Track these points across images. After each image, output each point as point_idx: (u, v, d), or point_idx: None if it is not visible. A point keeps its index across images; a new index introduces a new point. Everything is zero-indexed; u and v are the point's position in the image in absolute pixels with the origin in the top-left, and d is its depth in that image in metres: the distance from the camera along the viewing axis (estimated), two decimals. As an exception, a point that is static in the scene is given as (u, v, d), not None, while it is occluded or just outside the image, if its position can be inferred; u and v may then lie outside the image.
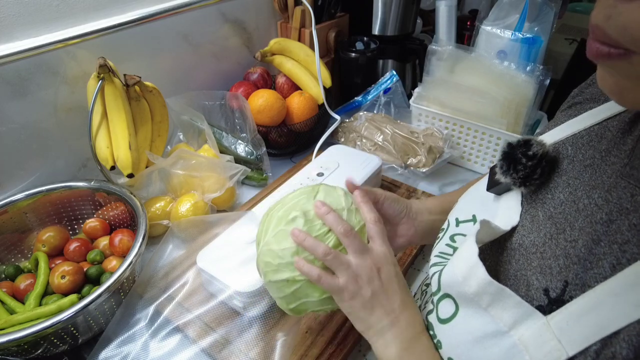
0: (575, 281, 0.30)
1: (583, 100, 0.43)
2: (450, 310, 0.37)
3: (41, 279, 0.66)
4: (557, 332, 0.29)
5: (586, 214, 0.33)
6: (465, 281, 0.35)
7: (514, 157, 0.38)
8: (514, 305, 0.32)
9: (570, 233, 0.33)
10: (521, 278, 0.34)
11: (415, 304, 0.44)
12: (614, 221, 0.31)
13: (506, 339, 0.32)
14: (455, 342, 0.36)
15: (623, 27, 0.25)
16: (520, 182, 0.38)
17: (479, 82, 0.94)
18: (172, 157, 0.80)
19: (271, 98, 0.95)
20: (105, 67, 0.72)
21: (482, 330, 0.33)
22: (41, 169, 0.80)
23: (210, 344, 0.60)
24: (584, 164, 0.36)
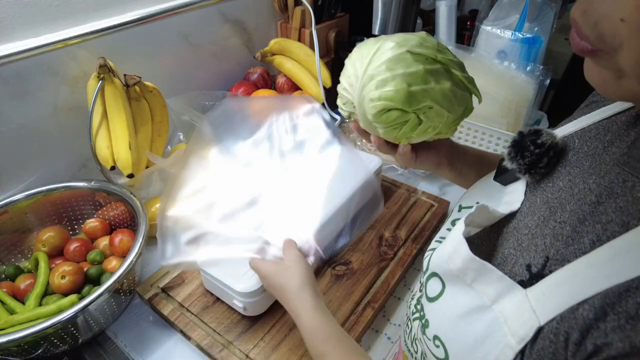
0: (556, 256, 0.31)
1: (601, 100, 0.44)
2: (437, 288, 0.39)
3: (41, 279, 0.66)
4: (533, 303, 0.30)
5: (579, 198, 0.34)
6: (450, 259, 0.36)
7: (523, 145, 0.39)
8: (496, 279, 0.33)
9: (561, 214, 0.34)
10: (510, 258, 0.36)
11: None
12: (602, 203, 0.31)
13: (488, 313, 0.33)
14: (442, 319, 0.37)
15: (595, 23, 0.26)
16: (525, 169, 0.39)
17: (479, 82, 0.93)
18: (172, 157, 0.80)
19: (271, 98, 0.95)
20: (106, 67, 0.72)
21: (468, 305, 0.34)
22: (41, 169, 0.80)
23: (210, 344, 0.60)
24: (586, 154, 0.37)
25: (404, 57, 0.42)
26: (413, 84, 0.42)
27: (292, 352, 0.58)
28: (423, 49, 0.43)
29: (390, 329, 0.66)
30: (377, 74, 0.44)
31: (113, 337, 0.65)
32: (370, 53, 0.45)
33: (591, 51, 0.27)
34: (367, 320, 0.63)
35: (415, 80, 0.42)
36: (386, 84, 0.43)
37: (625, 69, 0.25)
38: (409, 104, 0.43)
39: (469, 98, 0.47)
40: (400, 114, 0.44)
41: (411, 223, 0.80)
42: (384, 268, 0.71)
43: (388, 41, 0.45)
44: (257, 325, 0.62)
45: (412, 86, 0.42)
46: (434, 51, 0.43)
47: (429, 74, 0.42)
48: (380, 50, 0.44)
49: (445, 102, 0.44)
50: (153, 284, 0.68)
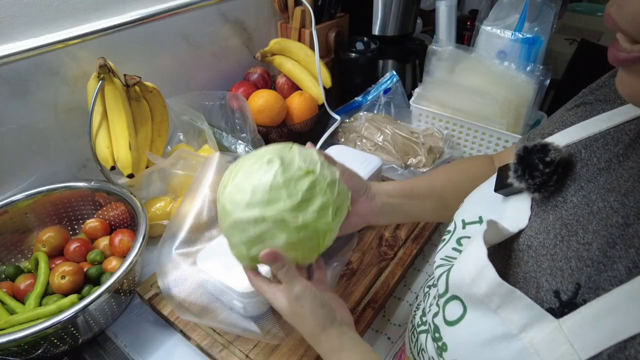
0: (589, 284, 0.30)
1: (594, 101, 0.42)
2: (458, 312, 0.37)
3: (41, 279, 0.66)
4: (570, 336, 0.28)
5: (601, 217, 0.32)
6: (474, 282, 0.34)
7: (530, 163, 0.37)
8: (524, 307, 0.31)
9: (583, 235, 0.32)
10: (530, 280, 0.34)
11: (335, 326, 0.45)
12: (631, 225, 0.30)
13: (516, 342, 0.31)
14: (463, 344, 0.36)
15: (632, 17, 0.25)
16: (535, 189, 0.37)
17: (479, 83, 0.94)
18: (172, 157, 0.80)
19: (271, 98, 0.95)
20: (106, 67, 0.72)
21: (491, 332, 0.33)
22: (41, 169, 0.80)
23: (210, 344, 0.60)
24: (598, 167, 0.36)
25: (235, 226, 0.45)
26: (251, 247, 0.45)
27: (292, 352, 0.58)
28: (250, 211, 0.44)
29: (390, 329, 0.66)
30: (226, 235, 0.48)
31: (113, 337, 0.65)
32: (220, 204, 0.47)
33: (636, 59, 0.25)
34: (367, 320, 0.63)
35: (251, 244, 0.45)
36: (234, 247, 0.47)
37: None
38: (257, 261, 0.46)
39: (317, 232, 0.46)
40: (256, 266, 0.49)
41: (411, 223, 0.80)
42: (384, 268, 0.71)
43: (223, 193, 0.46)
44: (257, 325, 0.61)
45: (250, 249, 0.45)
46: (263, 207, 0.43)
47: (262, 234, 0.44)
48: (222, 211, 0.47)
49: (290, 250, 0.45)
50: (153, 284, 0.68)
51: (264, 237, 0.44)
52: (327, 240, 0.47)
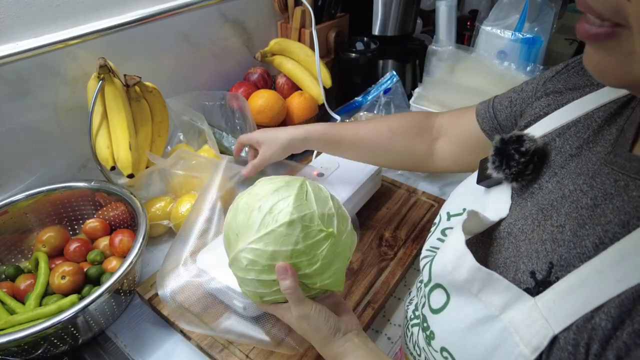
0: (560, 262, 0.31)
1: (564, 90, 0.43)
2: (441, 299, 0.38)
3: (41, 279, 0.66)
4: (544, 311, 0.30)
5: (572, 200, 0.34)
6: (454, 270, 0.36)
7: (507, 153, 0.38)
8: (503, 289, 0.32)
9: (557, 218, 0.34)
10: (510, 265, 0.35)
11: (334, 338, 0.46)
12: (599, 205, 0.31)
13: (497, 323, 0.32)
14: (448, 331, 0.37)
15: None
16: (512, 178, 0.39)
17: (479, 83, 0.94)
18: (172, 157, 0.80)
19: (271, 98, 0.95)
20: (106, 67, 0.72)
21: (474, 316, 0.34)
22: (41, 170, 0.80)
23: (210, 344, 0.60)
24: (570, 154, 0.37)
25: (253, 282, 0.46)
26: (265, 296, 0.47)
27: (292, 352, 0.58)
28: (270, 274, 0.44)
29: (390, 329, 0.66)
30: (239, 278, 0.48)
31: (113, 337, 0.65)
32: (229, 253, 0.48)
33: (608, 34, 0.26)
34: (367, 320, 0.63)
35: (266, 294, 0.46)
36: (246, 290, 0.48)
37: (638, 50, 0.25)
38: (264, 303, 0.49)
39: (327, 290, 0.49)
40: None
41: (411, 223, 0.80)
42: (384, 268, 0.71)
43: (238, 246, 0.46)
44: (257, 325, 0.61)
45: (264, 297, 0.47)
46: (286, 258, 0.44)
47: (278, 292, 0.45)
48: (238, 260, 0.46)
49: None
50: (153, 284, 0.68)
51: (279, 292, 0.45)
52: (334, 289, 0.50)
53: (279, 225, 0.43)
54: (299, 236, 0.44)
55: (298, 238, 0.44)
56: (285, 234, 0.43)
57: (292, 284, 0.43)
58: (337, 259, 0.46)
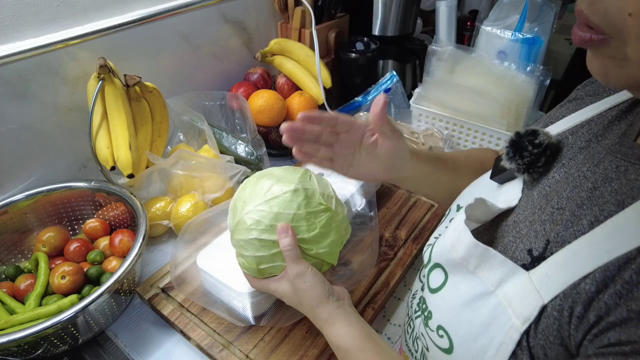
0: (557, 239, 0.32)
1: (584, 96, 0.45)
2: (440, 279, 0.39)
3: (41, 279, 0.66)
4: (537, 284, 0.31)
5: (574, 185, 0.35)
6: (453, 248, 0.37)
7: (521, 145, 0.40)
8: (499, 264, 0.34)
9: (557, 201, 0.35)
10: (510, 245, 0.36)
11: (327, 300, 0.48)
12: (598, 188, 0.32)
13: (492, 298, 0.33)
14: (445, 309, 0.38)
15: (604, 13, 0.27)
16: (524, 169, 0.40)
17: (479, 83, 0.94)
18: (172, 157, 0.80)
19: (271, 98, 0.95)
20: (106, 67, 0.72)
21: (471, 292, 0.35)
22: (41, 170, 0.80)
23: (210, 344, 0.60)
24: (579, 147, 0.39)
25: (253, 242, 0.49)
26: (262, 263, 0.50)
27: (292, 352, 0.58)
28: (271, 234, 0.48)
29: (390, 329, 0.66)
30: (238, 245, 0.51)
31: (113, 337, 0.65)
32: (236, 213, 0.51)
33: (602, 40, 0.28)
34: (367, 320, 0.63)
35: (263, 260, 0.49)
36: (244, 257, 0.51)
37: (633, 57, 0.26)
38: (261, 274, 0.51)
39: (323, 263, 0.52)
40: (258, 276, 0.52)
41: (411, 223, 0.80)
42: (384, 268, 0.71)
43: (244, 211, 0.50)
44: (257, 325, 0.61)
45: (261, 265, 0.50)
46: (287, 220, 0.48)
47: (275, 256, 0.49)
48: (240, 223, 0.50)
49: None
50: (153, 284, 0.68)
51: (276, 258, 0.49)
52: (327, 268, 0.54)
53: (284, 192, 0.49)
54: (302, 203, 0.49)
55: (300, 204, 0.49)
56: (290, 199, 0.48)
57: (292, 241, 0.47)
58: (333, 233, 0.51)
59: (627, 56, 0.27)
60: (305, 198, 0.49)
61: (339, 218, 0.52)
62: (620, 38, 0.27)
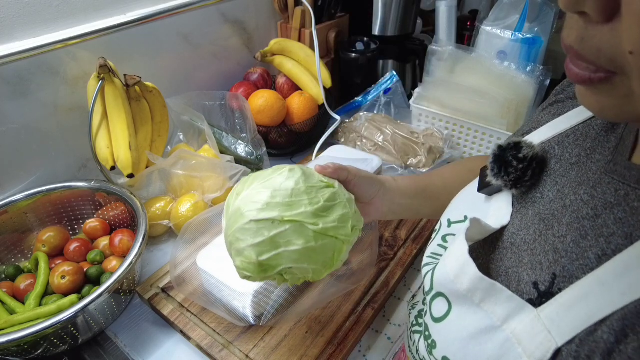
0: (563, 273, 0.31)
1: (565, 99, 0.43)
2: (443, 308, 0.38)
3: (41, 279, 0.66)
4: (547, 323, 0.29)
5: (573, 210, 0.33)
6: (457, 279, 0.35)
7: (505, 160, 0.38)
8: (505, 299, 0.32)
9: (558, 229, 0.34)
10: (513, 275, 0.35)
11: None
12: (600, 215, 0.31)
13: (499, 334, 0.32)
14: (450, 340, 0.36)
15: (597, 49, 0.24)
16: (511, 185, 0.39)
17: (479, 83, 0.94)
18: (172, 157, 0.80)
19: (271, 98, 0.95)
20: (106, 67, 0.72)
21: (476, 326, 0.34)
22: (41, 169, 0.80)
23: (210, 344, 0.60)
24: (570, 162, 0.37)
25: (249, 227, 0.42)
26: (262, 253, 0.42)
27: (292, 352, 0.58)
28: (268, 212, 0.42)
29: (390, 329, 0.66)
30: (233, 241, 0.44)
31: (113, 337, 0.65)
32: (230, 210, 0.45)
33: (602, 79, 0.25)
34: (367, 320, 0.63)
35: (263, 248, 0.42)
36: (240, 254, 0.43)
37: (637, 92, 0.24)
38: (265, 272, 0.43)
39: (334, 243, 0.44)
40: (262, 277, 0.44)
41: (411, 223, 0.80)
42: (384, 268, 0.71)
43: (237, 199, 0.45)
44: (257, 325, 0.62)
45: (261, 255, 0.42)
46: (283, 209, 0.42)
47: (277, 237, 0.41)
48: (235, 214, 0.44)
49: (304, 259, 0.43)
50: (153, 284, 0.68)
51: (278, 241, 0.42)
52: (342, 256, 0.46)
53: (280, 174, 0.45)
54: (300, 179, 0.44)
55: (299, 180, 0.44)
56: (287, 177, 0.44)
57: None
58: (341, 208, 0.44)
59: (632, 91, 0.24)
60: (303, 175, 0.44)
61: (346, 197, 0.46)
62: (624, 73, 0.24)
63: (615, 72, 0.24)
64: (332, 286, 0.65)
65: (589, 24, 0.24)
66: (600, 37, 0.24)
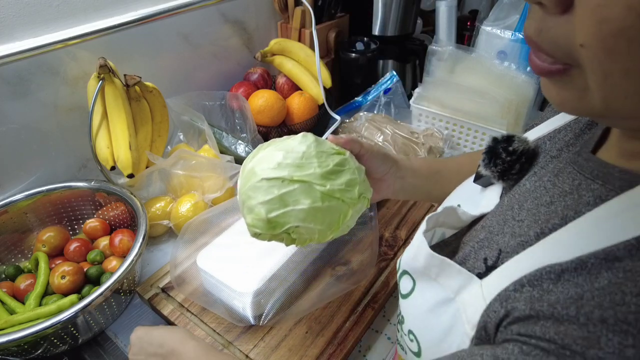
0: (507, 249, 0.33)
1: None
2: (409, 285, 0.40)
3: (41, 279, 0.66)
4: (485, 292, 0.32)
5: (535, 197, 0.35)
6: (415, 257, 0.39)
7: (496, 152, 0.40)
8: (456, 273, 0.35)
9: (518, 212, 0.35)
10: (473, 253, 0.37)
11: None
12: (554, 202, 0.32)
13: (452, 305, 0.34)
14: (415, 314, 0.39)
15: (554, 41, 0.25)
16: (498, 176, 0.40)
17: (479, 83, 0.94)
18: (172, 157, 0.80)
19: (271, 98, 0.95)
20: (106, 67, 0.72)
21: (435, 299, 0.36)
22: (41, 169, 0.80)
23: (210, 344, 0.60)
24: (551, 155, 0.39)
25: (260, 185, 0.44)
26: (271, 210, 0.43)
27: (292, 352, 0.58)
28: (279, 171, 0.44)
29: (390, 329, 0.66)
30: (245, 199, 0.46)
31: (113, 337, 0.65)
32: (245, 171, 0.47)
33: (560, 71, 0.26)
34: (367, 320, 0.63)
35: (272, 206, 0.43)
36: (251, 211, 0.45)
37: (593, 88, 0.24)
38: (273, 229, 0.44)
39: (340, 206, 0.46)
40: (271, 235, 0.46)
41: (411, 223, 0.80)
42: (384, 268, 0.71)
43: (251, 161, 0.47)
44: (257, 325, 0.62)
45: (270, 213, 0.43)
46: (293, 169, 0.44)
47: (285, 196, 0.43)
48: (248, 174, 0.46)
49: (310, 219, 0.44)
50: (153, 284, 0.68)
51: (287, 199, 0.43)
52: (347, 220, 0.46)
53: (293, 139, 0.47)
54: (312, 144, 0.46)
55: (310, 145, 0.46)
56: (300, 141, 0.46)
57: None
58: (350, 173, 0.46)
59: (588, 86, 0.24)
60: (315, 141, 0.46)
61: (355, 165, 0.47)
62: (580, 66, 0.24)
63: (572, 65, 0.25)
64: (332, 286, 0.65)
65: (547, 15, 0.24)
66: (556, 29, 0.24)
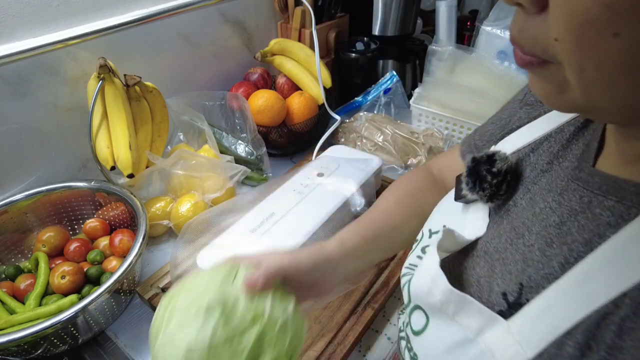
0: (530, 283, 0.31)
1: (534, 102, 0.43)
2: (421, 321, 0.38)
3: (41, 279, 0.66)
4: (517, 335, 0.29)
5: (542, 218, 0.33)
6: (430, 292, 0.35)
7: (479, 174, 0.38)
8: (476, 312, 0.32)
9: (528, 237, 0.34)
10: (484, 284, 0.35)
11: None
12: (565, 223, 0.31)
13: (474, 346, 0.32)
14: (430, 353, 0.36)
15: (533, 39, 0.26)
16: (487, 199, 0.38)
17: (479, 83, 0.94)
18: (172, 157, 0.80)
19: (271, 98, 0.95)
20: (106, 67, 0.72)
21: (452, 339, 0.34)
22: (41, 169, 0.80)
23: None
24: (541, 169, 0.37)
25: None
26: None
27: (292, 352, 0.58)
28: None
29: (390, 329, 0.66)
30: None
31: (113, 337, 0.65)
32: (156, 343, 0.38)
33: (540, 63, 0.26)
34: (367, 320, 0.63)
35: None
36: None
37: (572, 82, 0.25)
38: None
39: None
40: None
41: (411, 223, 0.80)
42: (384, 268, 0.71)
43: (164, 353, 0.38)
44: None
45: None
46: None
47: None
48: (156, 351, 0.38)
49: None
50: (153, 284, 0.68)
51: None
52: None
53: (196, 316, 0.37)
54: (218, 324, 0.37)
55: (216, 326, 0.37)
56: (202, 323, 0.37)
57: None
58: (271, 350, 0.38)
59: (567, 80, 0.25)
60: (222, 315, 0.37)
61: (277, 326, 0.38)
62: (558, 62, 0.25)
63: (551, 61, 0.26)
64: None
65: (527, 16, 0.25)
66: (535, 28, 0.25)
